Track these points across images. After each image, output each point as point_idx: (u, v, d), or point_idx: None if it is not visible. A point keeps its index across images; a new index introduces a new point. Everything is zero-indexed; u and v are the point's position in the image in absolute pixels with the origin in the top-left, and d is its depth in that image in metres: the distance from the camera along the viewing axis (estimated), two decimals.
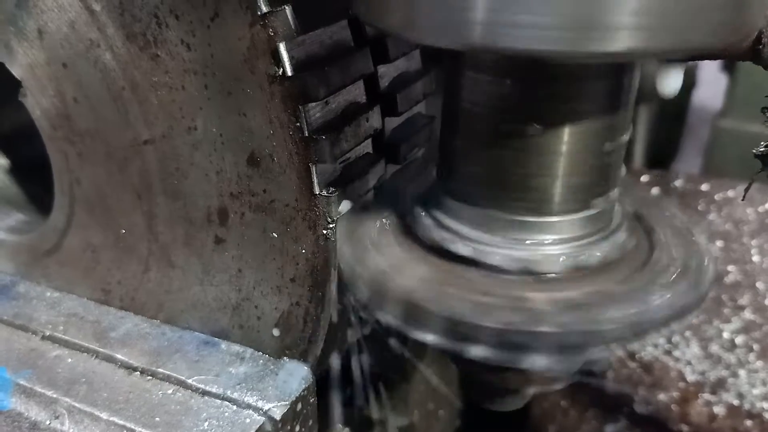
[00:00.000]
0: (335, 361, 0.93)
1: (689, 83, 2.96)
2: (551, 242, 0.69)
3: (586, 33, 0.48)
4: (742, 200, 1.73)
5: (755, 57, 0.66)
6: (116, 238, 0.91)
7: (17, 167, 1.12)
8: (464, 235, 0.70)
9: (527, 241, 0.69)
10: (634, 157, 2.62)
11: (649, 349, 1.52)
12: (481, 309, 0.63)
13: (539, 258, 0.68)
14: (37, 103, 0.88)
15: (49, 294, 1.00)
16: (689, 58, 0.69)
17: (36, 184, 1.09)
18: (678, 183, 1.93)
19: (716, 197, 1.88)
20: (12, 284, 1.02)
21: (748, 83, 2.58)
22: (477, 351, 0.63)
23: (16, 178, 1.11)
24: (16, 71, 0.87)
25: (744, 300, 1.62)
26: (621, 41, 0.49)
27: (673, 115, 2.91)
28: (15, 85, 0.89)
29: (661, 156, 2.83)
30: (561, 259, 0.68)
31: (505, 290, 0.66)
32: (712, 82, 2.98)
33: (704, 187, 1.91)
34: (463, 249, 0.70)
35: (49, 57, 0.83)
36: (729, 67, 2.80)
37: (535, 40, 0.49)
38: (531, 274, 0.68)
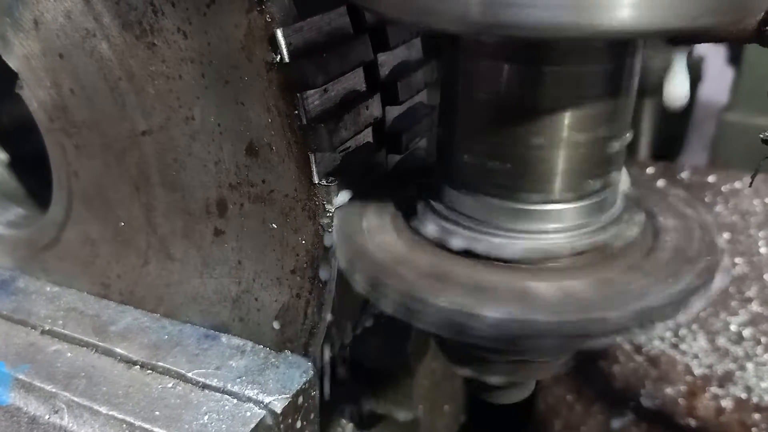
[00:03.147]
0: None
1: (695, 77, 2.94)
2: (553, 230, 0.67)
3: (585, 10, 0.47)
4: (750, 186, 1.71)
5: (760, 39, 0.65)
6: (115, 231, 0.90)
7: (16, 161, 1.11)
8: (463, 225, 0.69)
9: (528, 230, 0.67)
10: (640, 152, 2.60)
11: (656, 342, 1.51)
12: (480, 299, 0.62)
13: (541, 247, 0.67)
14: (34, 95, 0.87)
15: (48, 288, 0.99)
16: (693, 39, 0.68)
17: (35, 178, 1.08)
18: (684, 174, 1.92)
19: (723, 189, 1.86)
20: (11, 279, 1.02)
21: (754, 77, 2.56)
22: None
23: (15, 172, 1.11)
24: (13, 63, 0.87)
25: (751, 292, 1.60)
26: (622, 18, 0.47)
27: (679, 111, 2.90)
28: (12, 77, 0.88)
29: (667, 150, 2.82)
30: (562, 247, 0.67)
31: (506, 280, 0.65)
32: (717, 76, 2.97)
33: (711, 178, 1.90)
34: (461, 240, 0.69)
35: (45, 48, 0.83)
36: (735, 61, 2.78)
37: (533, 19, 0.48)
38: (532, 264, 0.67)
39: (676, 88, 0.75)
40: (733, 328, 1.53)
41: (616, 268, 0.67)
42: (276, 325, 0.83)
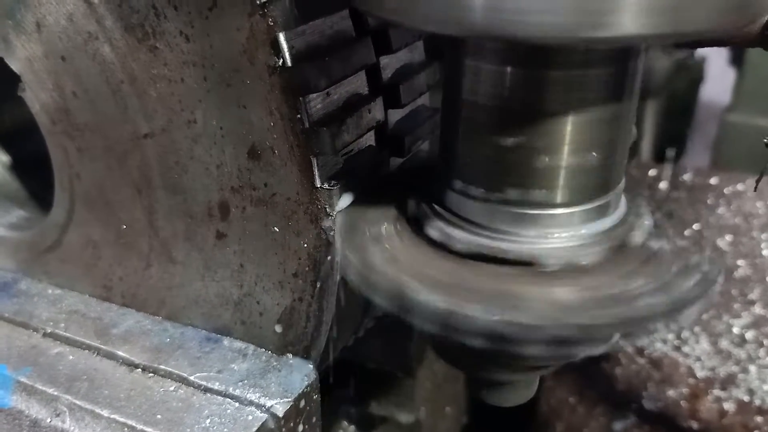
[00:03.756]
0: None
1: (697, 78, 2.94)
2: (555, 235, 0.67)
3: (589, 16, 0.47)
4: (754, 190, 1.71)
5: (764, 43, 0.64)
6: (117, 233, 0.90)
7: (18, 164, 1.11)
8: (466, 229, 0.69)
9: (531, 235, 0.67)
10: (642, 153, 2.60)
11: (658, 344, 1.51)
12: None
13: (544, 252, 0.67)
14: (36, 97, 0.87)
15: (50, 291, 0.99)
16: (696, 44, 0.68)
17: (36, 180, 1.08)
18: (687, 176, 1.92)
19: (725, 191, 1.86)
20: (13, 281, 1.01)
21: (756, 77, 2.56)
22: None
23: (16, 174, 1.11)
24: (15, 65, 0.87)
25: (754, 295, 1.60)
26: (625, 25, 0.47)
27: (681, 111, 2.90)
28: (14, 80, 0.88)
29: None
30: (565, 252, 0.67)
31: (506, 285, 0.65)
32: (719, 77, 2.97)
33: (713, 180, 1.90)
34: (463, 243, 0.68)
35: (47, 50, 0.82)
36: (737, 61, 2.78)
37: (537, 24, 0.48)
38: (534, 268, 0.67)
39: None
40: (735, 330, 1.53)
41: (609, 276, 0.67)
42: (278, 328, 0.83)
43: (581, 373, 1.48)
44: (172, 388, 0.82)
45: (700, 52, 2.83)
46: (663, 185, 1.91)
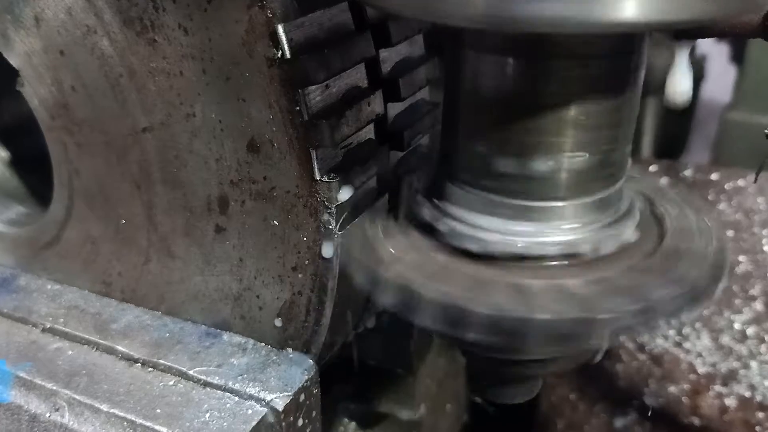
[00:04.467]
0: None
1: (698, 76, 2.94)
2: (557, 228, 0.67)
3: (590, 3, 0.47)
4: (755, 182, 1.71)
5: (765, 33, 0.64)
6: (116, 229, 0.90)
7: (17, 159, 1.11)
8: (468, 223, 0.69)
9: (531, 227, 0.67)
10: (642, 151, 2.60)
11: (659, 341, 1.50)
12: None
13: (544, 244, 0.66)
14: (35, 92, 0.87)
15: (49, 286, 0.99)
16: (697, 34, 0.68)
17: (36, 176, 1.08)
18: (687, 172, 1.91)
19: (726, 187, 1.86)
20: (12, 277, 1.01)
21: (757, 75, 2.56)
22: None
23: (16, 170, 1.10)
24: (14, 60, 0.86)
25: (755, 290, 1.60)
26: (626, 10, 0.47)
27: (682, 108, 2.89)
28: (13, 74, 0.88)
29: (670, 149, 2.81)
30: (565, 245, 0.67)
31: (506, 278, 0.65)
32: (720, 75, 2.96)
33: (714, 176, 1.89)
34: (466, 237, 0.68)
35: (46, 45, 0.82)
36: (737, 59, 2.78)
37: (537, 12, 0.48)
38: (534, 261, 0.67)
39: (679, 85, 0.75)
40: (736, 326, 1.52)
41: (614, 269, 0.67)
42: (278, 322, 0.83)
43: (582, 370, 1.48)
44: (171, 383, 0.82)
45: (701, 49, 2.83)
46: (663, 181, 1.91)
